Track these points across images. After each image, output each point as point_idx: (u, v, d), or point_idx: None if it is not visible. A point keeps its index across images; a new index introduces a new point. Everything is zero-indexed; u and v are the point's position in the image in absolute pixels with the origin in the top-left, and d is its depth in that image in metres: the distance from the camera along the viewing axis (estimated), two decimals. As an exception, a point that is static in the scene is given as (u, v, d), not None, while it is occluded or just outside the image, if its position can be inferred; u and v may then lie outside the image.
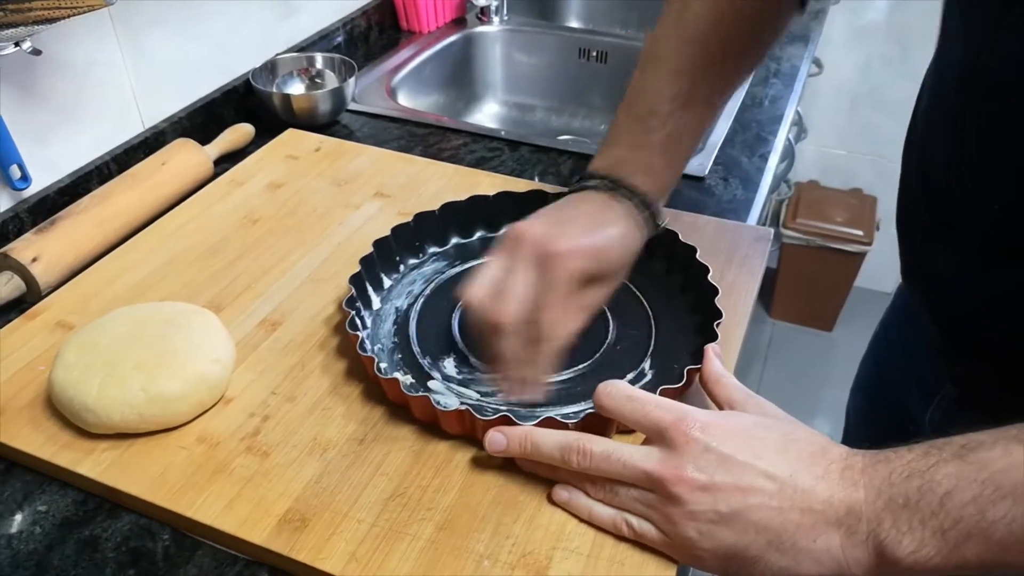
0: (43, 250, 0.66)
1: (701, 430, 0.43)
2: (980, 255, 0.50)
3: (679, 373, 0.54)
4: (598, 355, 0.59)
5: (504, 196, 0.70)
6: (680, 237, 0.65)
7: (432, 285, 0.66)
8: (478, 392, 0.57)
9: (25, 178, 0.71)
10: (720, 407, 0.50)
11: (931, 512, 0.38)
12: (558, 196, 0.61)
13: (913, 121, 0.59)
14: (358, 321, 0.58)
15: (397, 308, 0.64)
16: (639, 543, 0.46)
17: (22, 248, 0.66)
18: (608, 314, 0.62)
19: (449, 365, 0.59)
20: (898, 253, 0.62)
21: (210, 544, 0.49)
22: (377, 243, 0.64)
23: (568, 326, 0.53)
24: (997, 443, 0.38)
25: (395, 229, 0.66)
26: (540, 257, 0.52)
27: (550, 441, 0.47)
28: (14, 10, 0.61)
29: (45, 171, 0.74)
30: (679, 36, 0.59)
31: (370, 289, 0.64)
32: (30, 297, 0.66)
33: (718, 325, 0.56)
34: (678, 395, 0.53)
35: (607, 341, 0.60)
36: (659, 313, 0.63)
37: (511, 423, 0.49)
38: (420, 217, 0.67)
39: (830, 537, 0.40)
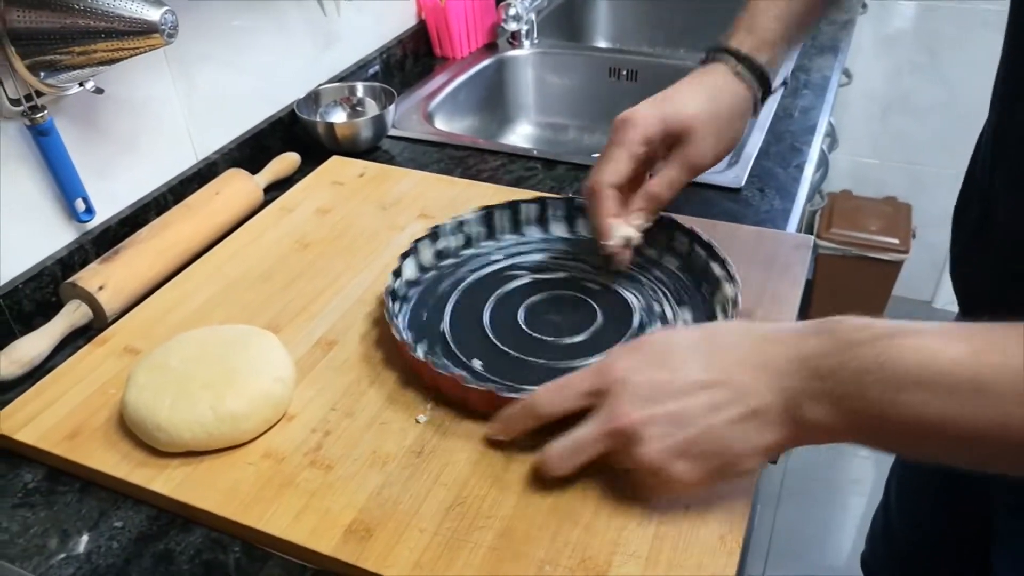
0: (108, 279, 0.70)
1: (624, 370, 0.47)
2: (1014, 256, 0.51)
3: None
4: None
5: None
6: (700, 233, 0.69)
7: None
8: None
9: (89, 211, 0.75)
10: None
11: (846, 389, 0.41)
12: None
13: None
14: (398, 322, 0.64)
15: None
16: (697, 547, 0.48)
17: (88, 277, 0.69)
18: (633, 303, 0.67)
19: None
20: (939, 265, 0.63)
21: (279, 555, 0.51)
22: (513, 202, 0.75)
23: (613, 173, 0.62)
24: (921, 332, 0.40)
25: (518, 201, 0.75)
26: (617, 125, 0.62)
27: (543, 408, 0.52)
28: (80, 53, 0.64)
29: (107, 203, 0.78)
30: None
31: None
32: (97, 324, 0.70)
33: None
34: None
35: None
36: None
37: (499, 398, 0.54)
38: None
39: (761, 408, 0.44)
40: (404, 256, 0.68)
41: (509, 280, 0.71)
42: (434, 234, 0.72)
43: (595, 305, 0.67)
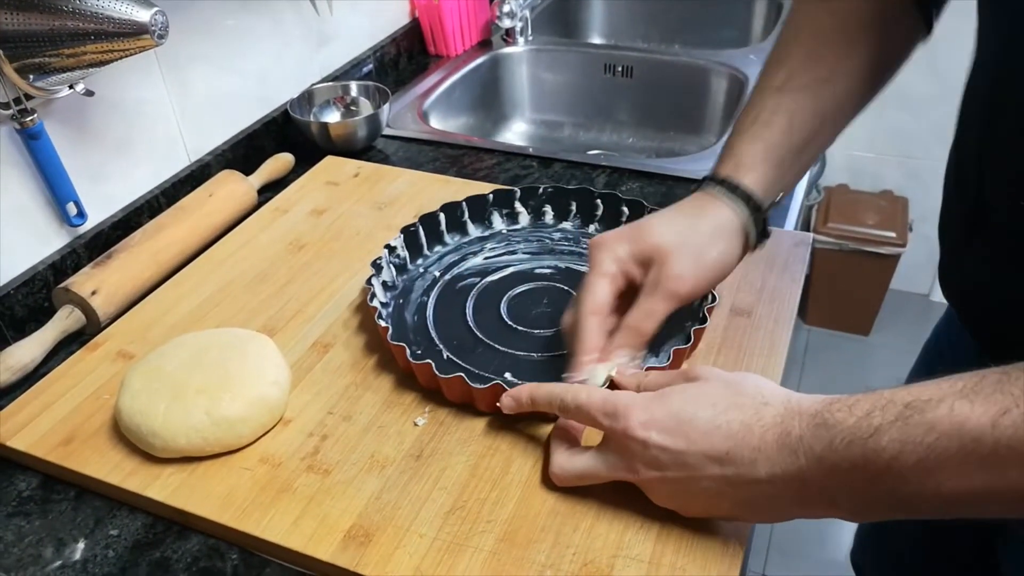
0: (101, 283, 0.69)
1: (641, 427, 0.46)
2: (1013, 258, 0.50)
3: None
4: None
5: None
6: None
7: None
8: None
9: (81, 214, 0.74)
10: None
11: (877, 473, 0.39)
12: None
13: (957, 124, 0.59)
14: (381, 310, 0.64)
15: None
16: (700, 550, 0.47)
17: (81, 282, 0.69)
18: None
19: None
20: (935, 258, 0.61)
21: (278, 562, 0.50)
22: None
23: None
24: (943, 401, 0.38)
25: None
26: (590, 251, 0.57)
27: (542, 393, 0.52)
28: (70, 55, 0.63)
29: (99, 207, 0.77)
30: (788, 36, 0.62)
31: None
32: (90, 329, 0.69)
33: (710, 310, 0.60)
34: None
35: None
36: None
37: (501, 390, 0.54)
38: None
39: (779, 494, 0.43)
40: (376, 266, 0.67)
41: (482, 276, 0.71)
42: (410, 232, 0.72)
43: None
